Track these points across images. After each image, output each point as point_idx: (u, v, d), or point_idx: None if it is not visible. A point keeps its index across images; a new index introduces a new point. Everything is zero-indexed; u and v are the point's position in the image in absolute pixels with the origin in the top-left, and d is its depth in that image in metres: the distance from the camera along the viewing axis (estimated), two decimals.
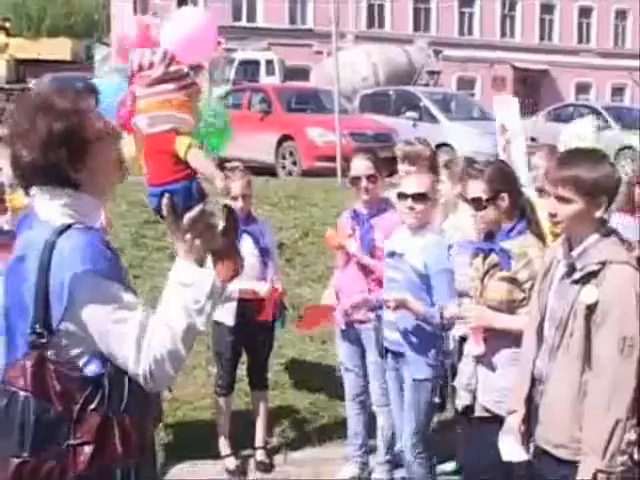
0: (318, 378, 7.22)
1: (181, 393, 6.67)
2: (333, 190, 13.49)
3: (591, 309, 3.21)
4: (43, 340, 2.42)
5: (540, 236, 4.21)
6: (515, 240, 4.09)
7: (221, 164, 14.23)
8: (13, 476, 2.39)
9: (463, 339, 4.49)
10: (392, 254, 4.84)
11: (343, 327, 5.43)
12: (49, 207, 2.51)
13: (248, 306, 5.58)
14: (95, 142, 2.53)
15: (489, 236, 4.20)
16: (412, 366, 4.77)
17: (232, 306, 5.58)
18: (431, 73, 31.68)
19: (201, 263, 2.45)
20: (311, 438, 6.21)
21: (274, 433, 6.23)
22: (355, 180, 5.35)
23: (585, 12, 49.39)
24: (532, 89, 45.66)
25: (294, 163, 16.93)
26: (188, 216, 2.43)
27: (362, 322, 5.31)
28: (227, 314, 5.61)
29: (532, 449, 3.51)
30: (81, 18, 45.21)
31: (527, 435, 3.57)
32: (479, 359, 4.12)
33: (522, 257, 4.02)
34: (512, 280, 4.02)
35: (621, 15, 49.95)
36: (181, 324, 2.41)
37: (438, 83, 32.77)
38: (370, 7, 45.19)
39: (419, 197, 4.75)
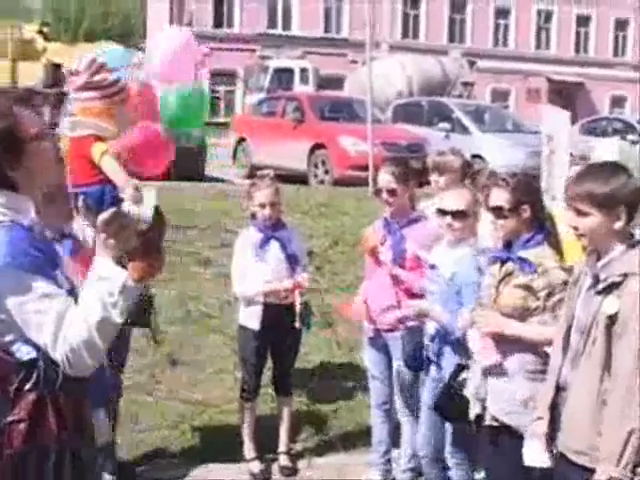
0: (343, 384, 7.28)
1: (207, 397, 6.77)
2: (364, 199, 13.54)
3: (612, 320, 3.25)
4: None
5: (558, 248, 4.25)
6: (532, 250, 4.13)
7: (253, 171, 14.29)
8: None
9: None
10: (432, 266, 4.91)
11: (371, 335, 5.47)
12: None
13: (274, 310, 5.64)
14: (30, 142, 2.68)
15: (507, 245, 4.24)
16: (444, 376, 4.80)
17: (258, 310, 5.64)
18: (465, 84, 31.65)
19: (119, 261, 2.55)
20: (335, 444, 6.25)
21: (298, 438, 6.28)
22: (379, 192, 5.41)
23: (621, 25, 49.14)
24: (567, 102, 45.50)
25: (326, 172, 16.99)
26: (101, 217, 2.52)
27: (389, 330, 5.35)
28: (252, 318, 5.67)
29: (555, 457, 3.54)
30: (118, 21, 45.57)
31: (551, 441, 3.61)
32: (490, 369, 4.15)
33: (538, 267, 4.06)
34: (527, 288, 4.06)
35: None
36: (96, 315, 2.53)
37: (472, 94, 32.73)
38: (405, 17, 45.24)
39: (459, 214, 4.79)
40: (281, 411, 5.99)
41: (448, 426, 4.92)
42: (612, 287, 3.29)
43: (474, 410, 4.25)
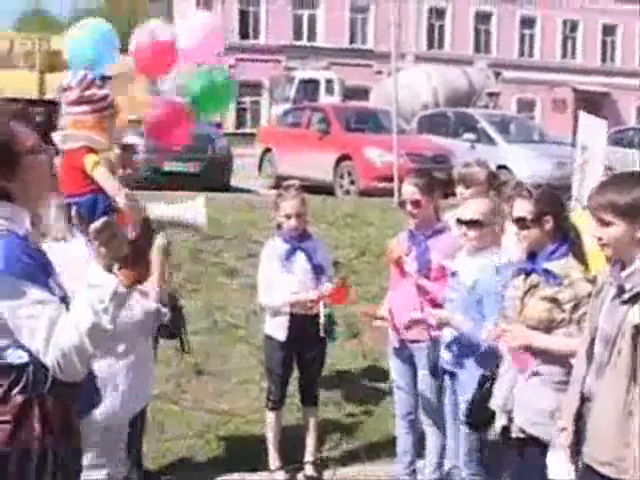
0: (369, 395, 7.30)
1: (233, 406, 6.81)
2: (390, 210, 13.54)
3: (638, 329, 3.25)
4: None
5: (583, 259, 4.25)
6: (557, 262, 4.14)
7: (279, 182, 14.31)
8: None
9: None
10: (453, 274, 4.94)
11: (396, 345, 5.49)
12: None
13: (300, 321, 5.68)
14: (26, 155, 2.79)
15: (531, 257, 4.25)
16: (465, 387, 4.82)
17: (284, 320, 5.68)
18: (490, 95, 31.59)
19: (109, 268, 2.62)
20: (359, 454, 6.27)
21: (323, 448, 6.30)
22: (403, 204, 5.45)
23: None
24: (593, 112, 45.21)
25: (352, 182, 17.02)
26: (93, 226, 2.59)
27: (415, 341, 5.37)
28: (279, 329, 5.72)
29: (580, 468, 3.54)
30: None
31: (575, 453, 3.60)
32: (526, 378, 4.16)
33: (564, 279, 4.07)
34: (553, 300, 4.07)
35: None
36: (87, 321, 2.60)
37: (497, 105, 32.67)
38: (430, 27, 45.26)
39: (473, 224, 4.81)
40: (307, 421, 6.03)
41: (462, 437, 4.94)
42: (637, 297, 3.29)
43: (500, 421, 4.26)
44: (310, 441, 6.00)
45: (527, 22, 46.94)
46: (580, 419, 3.57)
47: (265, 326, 5.92)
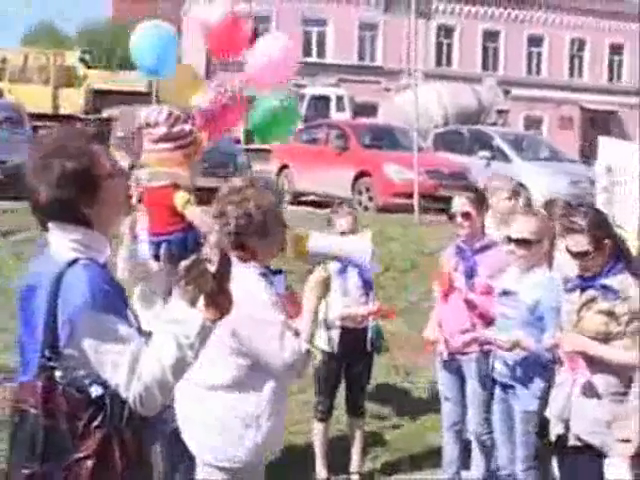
0: (402, 408, 7.45)
1: None
2: (411, 226, 13.72)
3: None
4: (51, 363, 2.66)
5: (637, 275, 4.40)
6: (614, 277, 4.28)
7: (296, 198, 14.37)
8: None
9: None
10: (505, 292, 5.05)
11: (446, 358, 5.63)
12: (61, 241, 2.76)
13: (350, 335, 5.83)
14: (104, 180, 2.77)
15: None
16: (522, 398, 4.96)
17: (335, 334, 5.84)
18: (499, 112, 31.74)
19: (193, 304, 2.63)
20: (402, 466, 6.41)
21: (366, 459, 6.43)
22: (452, 217, 5.59)
23: None
24: (601, 130, 45.45)
25: (370, 199, 17.15)
26: (183, 264, 2.59)
27: (464, 353, 5.52)
28: (330, 341, 5.87)
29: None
30: None
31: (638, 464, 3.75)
32: (581, 388, 4.29)
33: (621, 293, 4.22)
34: (609, 313, 4.21)
35: None
36: (172, 357, 2.62)
37: (506, 122, 32.82)
38: (439, 45, 45.53)
39: (521, 242, 4.96)
40: (353, 432, 6.18)
41: (519, 445, 5.07)
42: None
43: (555, 430, 4.40)
44: (356, 451, 6.15)
45: (534, 40, 47.20)
46: None
47: (315, 339, 6.05)
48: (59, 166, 2.71)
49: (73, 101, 28.54)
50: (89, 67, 31.90)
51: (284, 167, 19.91)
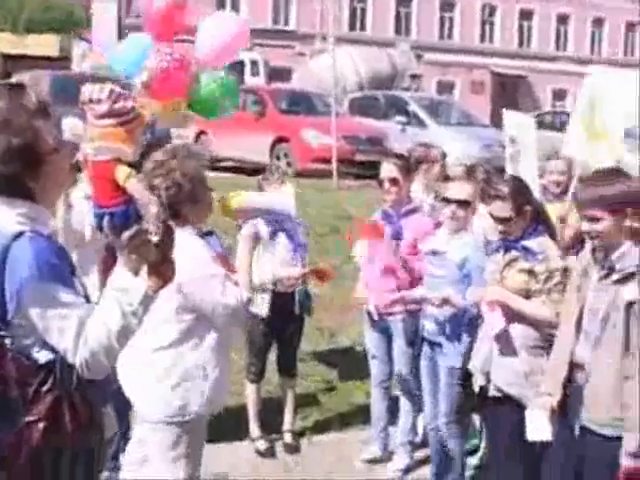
0: (328, 369, 7.69)
1: None
2: (328, 191, 13.88)
3: (631, 305, 3.70)
4: (0, 332, 2.75)
5: (554, 238, 4.73)
6: (535, 239, 4.57)
7: (213, 163, 14.20)
8: None
9: None
10: (434, 252, 5.28)
11: (376, 318, 5.80)
12: (7, 215, 2.79)
13: (280, 298, 5.98)
14: (49, 155, 2.82)
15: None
16: (449, 355, 5.21)
17: (266, 298, 5.98)
18: (413, 77, 32.05)
19: (136, 273, 2.71)
20: (332, 423, 6.63)
21: (297, 418, 6.62)
22: (380, 182, 5.78)
23: (561, 19, 50.05)
24: (510, 94, 46.23)
25: (288, 164, 17.25)
26: (125, 234, 2.69)
27: (391, 314, 5.73)
28: (261, 305, 6.00)
29: (577, 430, 3.92)
30: (59, 13, 45.02)
31: (560, 417, 4.01)
32: (497, 339, 4.54)
33: (541, 255, 4.50)
34: (529, 272, 4.50)
35: (597, 23, 50.71)
36: (117, 324, 2.70)
37: (420, 87, 33.17)
38: (353, 10, 45.58)
39: (462, 203, 5.19)
40: (285, 392, 6.36)
41: (442, 400, 5.33)
42: (628, 277, 3.74)
43: (478, 382, 4.67)
44: (289, 411, 6.34)
45: (447, 5, 47.67)
46: (567, 386, 3.97)
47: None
48: (4, 142, 2.76)
49: None
50: None
51: (202, 133, 19.87)
